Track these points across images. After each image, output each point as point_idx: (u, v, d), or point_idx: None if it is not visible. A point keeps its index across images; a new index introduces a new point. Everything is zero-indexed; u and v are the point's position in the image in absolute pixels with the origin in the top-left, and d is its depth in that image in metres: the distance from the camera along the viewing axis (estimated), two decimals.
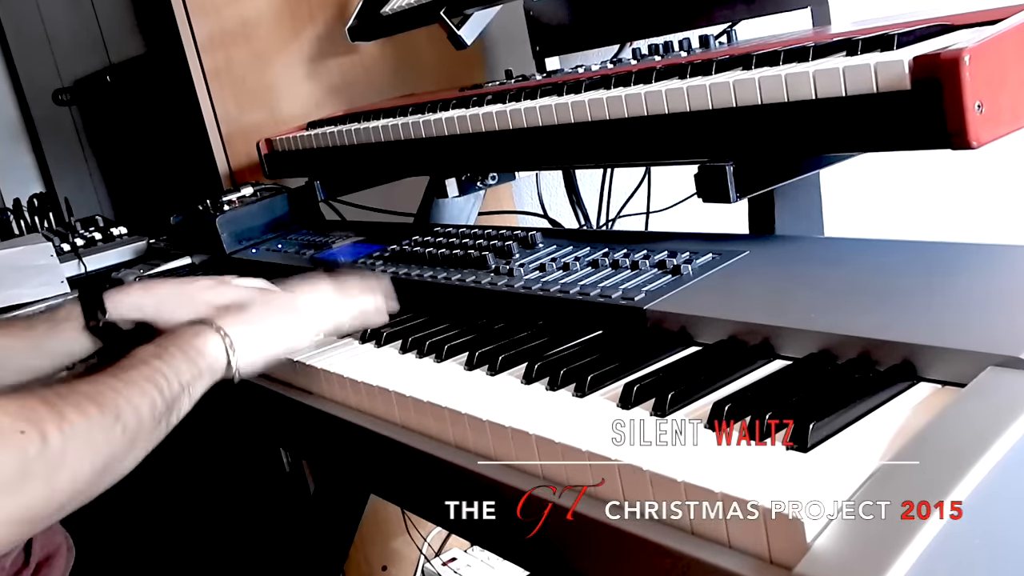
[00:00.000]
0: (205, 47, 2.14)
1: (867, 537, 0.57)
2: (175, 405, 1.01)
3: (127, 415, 0.94)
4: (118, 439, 0.93)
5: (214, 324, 1.10)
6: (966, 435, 0.63)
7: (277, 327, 1.15)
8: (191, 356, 1.05)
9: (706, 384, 0.83)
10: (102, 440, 0.91)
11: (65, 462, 0.87)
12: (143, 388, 0.98)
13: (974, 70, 0.82)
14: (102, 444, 0.91)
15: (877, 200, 1.77)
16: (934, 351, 0.75)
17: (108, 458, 0.92)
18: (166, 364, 1.02)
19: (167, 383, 1.00)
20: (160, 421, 0.99)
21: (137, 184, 2.88)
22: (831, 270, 0.97)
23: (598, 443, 0.75)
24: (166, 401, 1.00)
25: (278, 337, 1.15)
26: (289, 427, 1.24)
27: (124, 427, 0.93)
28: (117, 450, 0.93)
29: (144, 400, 0.97)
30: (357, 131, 1.66)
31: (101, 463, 0.91)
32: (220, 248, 1.85)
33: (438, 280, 1.26)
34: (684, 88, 1.07)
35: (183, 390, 1.02)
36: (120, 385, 0.97)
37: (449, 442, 0.91)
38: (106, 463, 0.91)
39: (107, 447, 0.91)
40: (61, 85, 3.12)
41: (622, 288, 1.04)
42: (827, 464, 0.66)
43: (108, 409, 0.93)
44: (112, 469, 0.93)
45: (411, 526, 2.37)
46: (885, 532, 0.56)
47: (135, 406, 0.95)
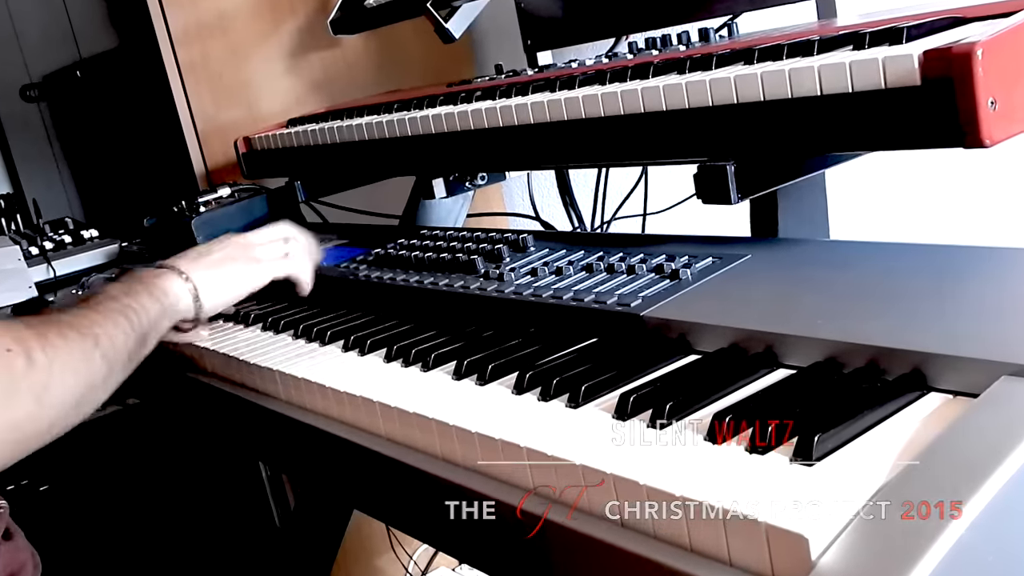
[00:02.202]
0: (180, 40, 2.14)
1: (875, 554, 0.56)
2: (144, 339, 1.14)
3: (104, 342, 1.06)
4: (97, 364, 1.05)
5: (176, 267, 1.25)
6: (979, 448, 0.63)
7: (237, 270, 1.31)
8: (156, 295, 1.19)
9: (706, 394, 0.83)
10: (83, 363, 1.03)
11: (51, 380, 0.98)
12: (116, 320, 1.10)
13: (987, 65, 0.82)
14: (83, 367, 1.03)
15: (885, 201, 1.78)
16: (945, 360, 0.75)
17: (89, 381, 1.03)
18: (134, 300, 1.16)
19: (137, 317, 1.13)
20: (132, 352, 1.11)
21: (109, 184, 2.87)
22: (837, 275, 0.97)
23: (593, 456, 0.74)
24: (137, 334, 1.12)
25: (238, 279, 1.31)
26: (268, 439, 1.23)
27: (103, 353, 1.05)
28: (96, 375, 1.04)
29: (118, 331, 1.09)
30: (340, 129, 1.66)
31: (83, 385, 1.02)
32: None
33: (425, 285, 1.26)
34: (683, 84, 1.07)
35: (151, 325, 1.16)
36: (96, 316, 1.09)
37: (437, 455, 0.90)
38: (87, 385, 1.03)
39: (87, 370, 1.03)
40: (29, 81, 3.10)
41: (618, 294, 1.04)
42: (833, 478, 0.66)
43: (87, 335, 1.05)
44: (92, 393, 1.05)
45: (396, 543, 2.37)
46: (894, 549, 0.56)
47: (110, 335, 1.08)
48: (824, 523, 0.59)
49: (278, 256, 1.37)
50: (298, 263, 1.39)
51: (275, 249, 1.37)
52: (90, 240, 2.14)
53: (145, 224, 2.01)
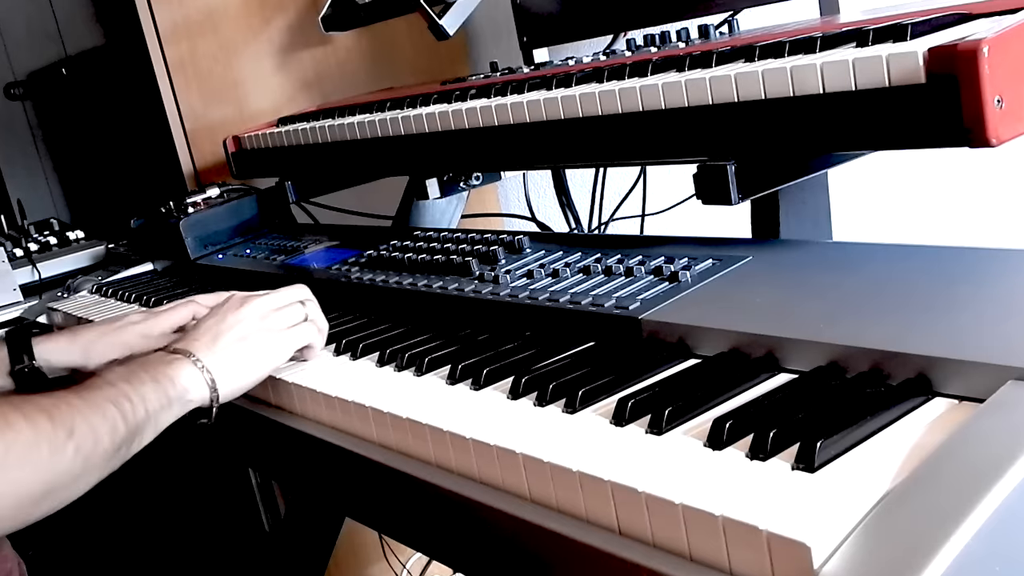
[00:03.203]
0: (168, 38, 2.14)
1: (879, 564, 0.56)
2: (138, 433, 1.00)
3: (82, 434, 0.93)
4: (67, 458, 0.91)
5: (187, 352, 1.08)
6: (985, 454, 0.63)
7: (254, 352, 1.12)
8: (162, 383, 1.04)
9: (706, 399, 0.82)
10: (49, 456, 0.90)
11: (5, 471, 0.86)
12: (104, 410, 0.96)
13: (993, 62, 0.82)
14: (48, 460, 0.90)
15: (889, 202, 1.78)
16: (951, 364, 0.75)
17: (54, 476, 0.91)
18: (133, 389, 1.01)
19: (132, 408, 0.99)
20: (120, 448, 0.97)
21: (95, 185, 2.87)
22: (840, 277, 0.97)
23: (590, 462, 0.74)
24: (128, 427, 0.98)
25: (257, 362, 1.12)
26: (258, 445, 1.23)
27: (77, 447, 0.92)
28: (65, 470, 0.92)
29: (104, 423, 0.96)
30: (331, 128, 1.65)
31: (46, 481, 0.90)
32: (184, 253, 1.84)
33: (418, 288, 1.26)
34: (682, 82, 1.07)
35: (148, 418, 1.01)
36: (79, 403, 0.95)
37: (430, 461, 0.90)
38: (52, 481, 0.91)
39: (54, 464, 0.90)
40: (13, 78, 3.10)
41: (615, 296, 1.03)
42: (836, 485, 0.66)
43: (61, 425, 0.92)
44: (58, 490, 0.92)
45: (389, 551, 2.36)
46: (898, 558, 0.56)
47: (93, 426, 0.94)
48: (827, 531, 0.59)
49: (298, 321, 1.18)
50: (316, 330, 1.20)
51: (294, 314, 1.18)
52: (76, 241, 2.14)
53: (132, 225, 2.01)
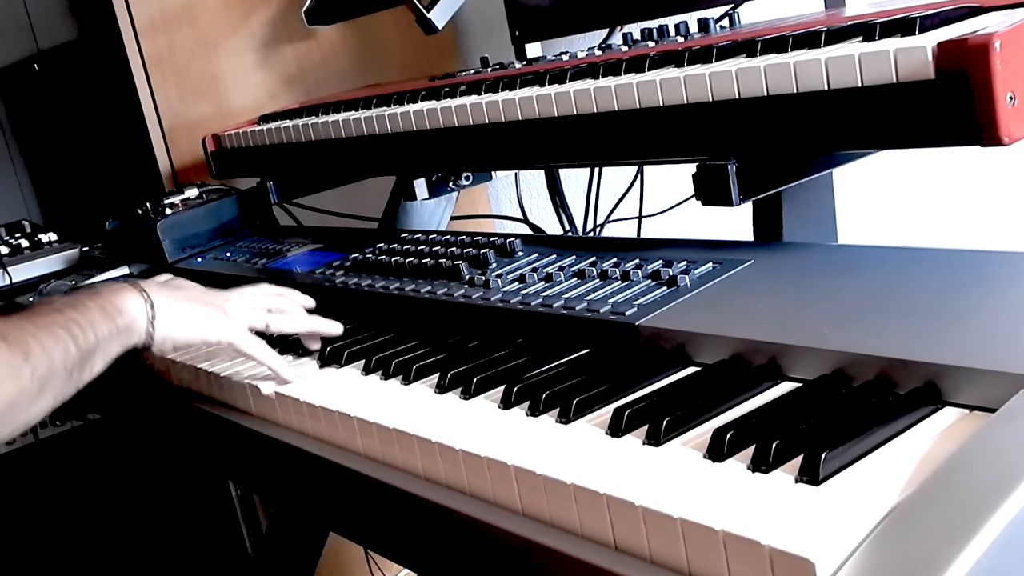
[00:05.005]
0: (145, 32, 2.13)
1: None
2: (89, 359, 1.07)
3: (37, 357, 1.00)
4: (26, 379, 0.99)
5: (138, 286, 1.16)
6: (996, 466, 0.63)
7: (204, 311, 1.18)
8: (108, 312, 1.11)
9: (706, 409, 0.82)
10: (8, 376, 0.97)
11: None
12: (56, 334, 1.04)
13: (1006, 57, 0.82)
14: (7, 380, 0.97)
15: (895, 203, 1.78)
16: (960, 372, 0.75)
17: (14, 396, 0.98)
18: (82, 315, 1.08)
19: (82, 333, 1.06)
20: (72, 372, 1.05)
21: (69, 185, 2.86)
22: (845, 281, 0.97)
23: (585, 475, 0.74)
24: (80, 352, 1.05)
25: (202, 320, 1.18)
26: (238, 457, 1.23)
27: (33, 369, 0.99)
28: (24, 390, 0.99)
29: (57, 346, 1.03)
30: (315, 126, 1.65)
31: (6, 400, 0.97)
32: (162, 257, 1.84)
33: (405, 293, 1.25)
34: (681, 77, 1.07)
35: (98, 344, 1.08)
36: (32, 327, 1.03)
37: (418, 474, 0.90)
38: (11, 401, 0.97)
39: (13, 384, 0.98)
40: None
41: (612, 302, 1.03)
42: (841, 498, 0.66)
43: (17, 347, 0.99)
44: (18, 411, 0.99)
45: (375, 567, 2.36)
46: (906, 575, 0.56)
47: (46, 349, 1.02)
48: (831, 546, 0.59)
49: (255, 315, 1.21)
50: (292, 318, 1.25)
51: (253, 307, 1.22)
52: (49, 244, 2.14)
53: (107, 227, 2.00)
